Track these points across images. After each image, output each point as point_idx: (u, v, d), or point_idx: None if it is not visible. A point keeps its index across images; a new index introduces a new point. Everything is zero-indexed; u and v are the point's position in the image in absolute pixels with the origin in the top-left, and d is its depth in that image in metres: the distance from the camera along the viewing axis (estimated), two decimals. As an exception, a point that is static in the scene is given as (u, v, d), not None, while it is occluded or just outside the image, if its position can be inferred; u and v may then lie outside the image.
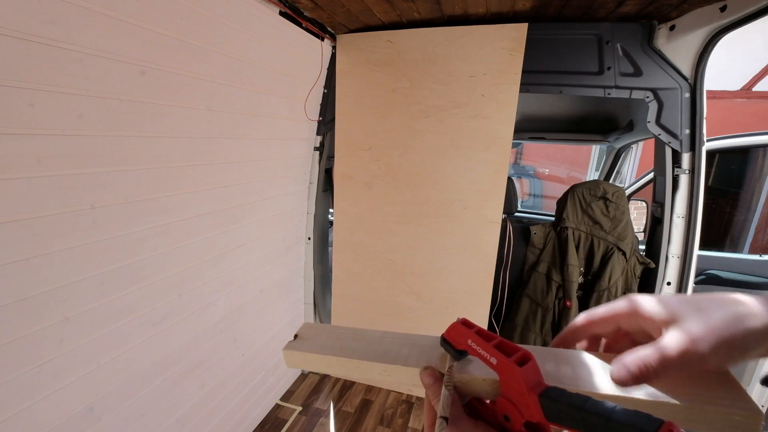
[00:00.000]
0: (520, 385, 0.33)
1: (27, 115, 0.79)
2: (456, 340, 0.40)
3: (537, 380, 0.33)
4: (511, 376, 0.33)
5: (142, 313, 1.15)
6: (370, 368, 0.43)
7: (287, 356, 0.47)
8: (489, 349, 0.36)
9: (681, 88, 1.44)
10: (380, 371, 0.43)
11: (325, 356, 0.45)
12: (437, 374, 0.40)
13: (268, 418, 1.96)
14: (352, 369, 0.44)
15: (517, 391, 0.33)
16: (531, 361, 0.34)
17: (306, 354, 0.45)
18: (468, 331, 0.38)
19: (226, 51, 1.25)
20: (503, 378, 0.35)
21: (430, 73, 1.69)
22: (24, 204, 0.81)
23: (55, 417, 0.94)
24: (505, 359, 0.34)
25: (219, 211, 1.43)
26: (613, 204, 1.83)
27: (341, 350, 0.45)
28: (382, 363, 0.43)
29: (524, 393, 0.33)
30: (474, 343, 0.37)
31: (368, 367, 0.43)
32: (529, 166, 7.91)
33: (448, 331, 0.41)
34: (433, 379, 0.39)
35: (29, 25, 0.75)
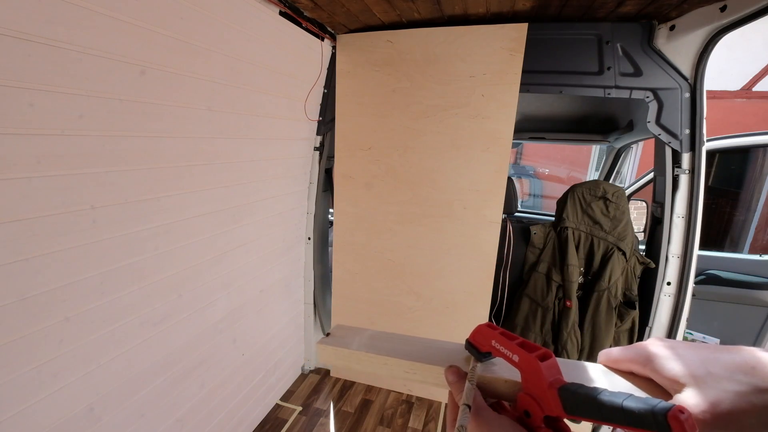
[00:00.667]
0: (542, 379, 0.34)
1: (27, 115, 0.79)
2: (480, 343, 0.42)
3: (556, 376, 0.35)
4: (533, 371, 0.35)
5: (142, 313, 1.15)
6: (396, 365, 0.46)
7: (321, 350, 0.50)
8: (512, 348, 0.38)
9: (681, 88, 1.44)
10: (406, 368, 0.45)
11: (355, 352, 0.48)
12: (461, 372, 0.42)
13: (268, 418, 1.96)
14: (380, 365, 0.47)
15: (538, 386, 0.35)
16: (552, 359, 0.36)
17: (338, 349, 0.49)
18: (492, 332, 0.41)
19: (226, 51, 1.25)
20: (525, 374, 0.36)
21: (430, 73, 1.69)
22: (24, 204, 0.81)
23: (55, 417, 0.94)
24: (528, 355, 0.36)
25: (219, 211, 1.43)
26: (613, 204, 1.83)
27: (371, 348, 0.48)
28: (408, 361, 0.45)
29: (545, 387, 0.34)
30: (497, 343, 0.39)
31: (395, 364, 0.46)
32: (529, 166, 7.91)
33: (472, 334, 0.43)
34: (457, 377, 0.41)
35: (29, 25, 0.75)
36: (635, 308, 1.74)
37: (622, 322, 1.78)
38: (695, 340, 1.96)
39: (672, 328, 1.60)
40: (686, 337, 1.94)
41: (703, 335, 1.94)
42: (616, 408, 0.30)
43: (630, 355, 0.38)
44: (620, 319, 1.78)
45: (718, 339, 1.91)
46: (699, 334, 1.95)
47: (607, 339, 1.76)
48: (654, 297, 1.63)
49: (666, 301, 1.61)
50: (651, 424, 0.29)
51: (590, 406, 0.32)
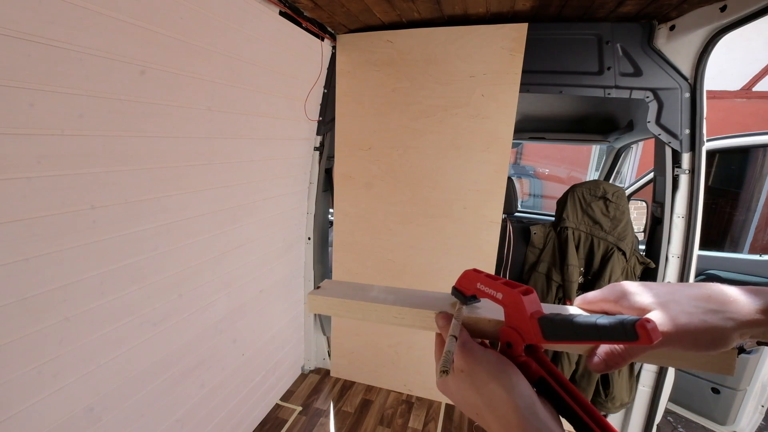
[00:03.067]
0: (523, 310, 0.38)
1: (27, 115, 0.79)
2: (466, 287, 0.45)
3: (537, 309, 0.39)
4: (516, 305, 0.38)
5: (142, 313, 1.15)
6: (386, 311, 0.48)
7: (311, 300, 0.52)
8: (496, 287, 0.41)
9: (681, 88, 1.44)
10: (395, 313, 0.48)
11: (345, 300, 0.50)
12: (450, 316, 0.44)
13: (268, 418, 1.96)
14: (369, 312, 0.49)
15: (520, 318, 0.38)
16: (533, 294, 0.39)
17: (329, 299, 0.51)
18: (478, 275, 0.44)
19: (226, 51, 1.25)
20: (508, 309, 0.40)
21: (430, 73, 1.69)
22: (24, 204, 0.81)
23: (55, 417, 0.94)
24: (511, 291, 0.39)
25: (219, 211, 1.43)
26: (613, 204, 1.83)
27: (360, 296, 0.50)
28: (397, 306, 0.47)
29: (526, 318, 0.38)
30: (482, 285, 0.42)
31: (384, 310, 0.48)
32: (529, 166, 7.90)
33: (459, 280, 0.46)
34: (446, 322, 0.43)
35: (29, 25, 0.75)
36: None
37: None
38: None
39: (672, 328, 1.60)
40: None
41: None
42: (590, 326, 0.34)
43: (603, 294, 0.42)
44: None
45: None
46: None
47: (607, 339, 1.76)
48: (654, 297, 1.63)
49: (666, 301, 1.61)
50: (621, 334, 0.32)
51: (566, 329, 0.35)
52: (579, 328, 0.34)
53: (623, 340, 0.32)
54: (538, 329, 0.37)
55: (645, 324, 0.31)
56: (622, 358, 0.37)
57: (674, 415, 2.22)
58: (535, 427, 0.33)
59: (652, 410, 1.67)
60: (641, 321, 0.31)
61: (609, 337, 0.33)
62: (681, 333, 0.34)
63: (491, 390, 0.36)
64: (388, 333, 2.07)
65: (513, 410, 0.34)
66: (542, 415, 0.34)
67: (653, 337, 0.31)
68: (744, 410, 1.87)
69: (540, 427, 0.33)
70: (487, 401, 0.36)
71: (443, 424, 1.97)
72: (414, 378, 2.13)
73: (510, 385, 0.35)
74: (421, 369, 2.09)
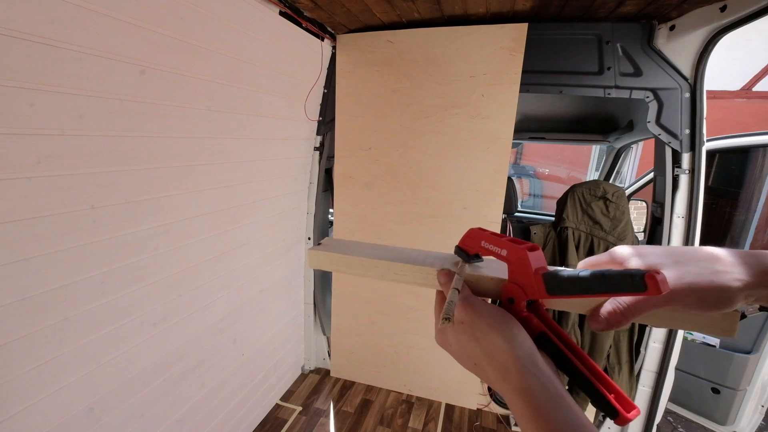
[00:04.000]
0: (528, 266, 0.37)
1: (27, 115, 0.79)
2: (470, 246, 0.44)
3: (542, 265, 0.38)
4: (521, 260, 0.38)
5: (142, 313, 1.15)
6: (387, 267, 0.47)
7: (311, 256, 0.51)
8: (501, 243, 0.40)
9: (681, 88, 1.44)
10: (396, 270, 0.47)
11: (346, 256, 0.49)
12: (452, 274, 0.43)
13: (268, 418, 1.96)
14: (370, 268, 0.48)
15: (524, 273, 0.38)
16: (538, 251, 0.39)
17: (329, 254, 0.50)
18: (482, 233, 0.43)
19: (226, 51, 1.25)
20: (512, 265, 0.39)
21: (430, 73, 1.69)
22: (24, 204, 0.81)
23: (55, 417, 0.94)
24: (517, 247, 0.38)
25: (219, 211, 1.43)
26: (613, 204, 1.83)
27: (362, 253, 0.50)
28: (398, 263, 0.47)
29: (530, 274, 0.37)
30: (487, 242, 0.42)
31: (385, 266, 0.47)
32: (529, 166, 7.90)
33: (463, 239, 0.45)
34: (447, 279, 0.43)
35: (29, 25, 0.75)
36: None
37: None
38: (695, 340, 1.96)
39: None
40: (686, 337, 1.94)
41: (703, 335, 1.95)
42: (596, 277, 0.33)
43: (605, 259, 0.42)
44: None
45: (718, 339, 1.91)
46: (699, 334, 1.95)
47: (607, 339, 1.76)
48: (654, 297, 1.63)
49: (666, 301, 1.61)
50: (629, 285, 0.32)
51: (572, 283, 0.35)
52: (585, 281, 0.34)
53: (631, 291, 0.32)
54: (542, 284, 0.36)
55: (654, 275, 0.30)
56: (624, 316, 0.36)
57: (674, 415, 2.22)
58: (533, 374, 0.33)
59: (652, 410, 1.67)
60: (650, 272, 0.31)
61: (616, 289, 0.32)
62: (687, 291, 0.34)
63: (491, 340, 0.36)
64: (388, 333, 2.07)
65: (512, 359, 0.34)
66: (541, 365, 0.34)
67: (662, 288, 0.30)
68: (744, 410, 1.87)
69: (538, 375, 0.33)
70: (487, 351, 0.36)
71: (443, 424, 1.97)
72: (414, 378, 2.13)
73: (510, 336, 0.36)
74: (421, 369, 2.09)
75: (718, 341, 1.92)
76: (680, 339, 1.60)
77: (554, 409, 0.31)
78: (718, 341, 1.92)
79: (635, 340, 1.75)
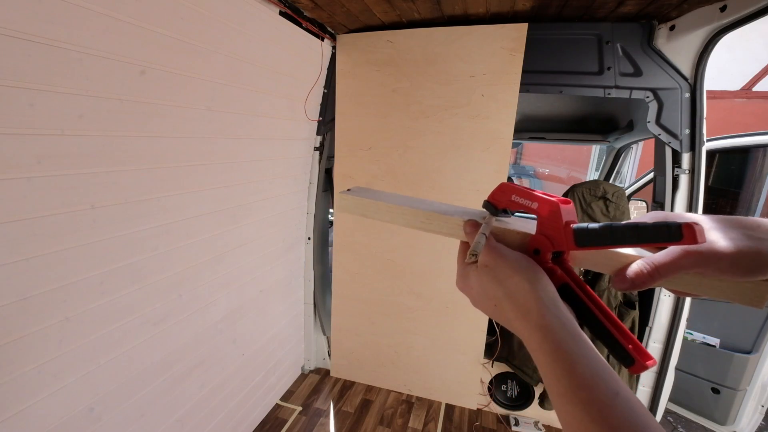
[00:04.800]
0: (559, 218, 0.37)
1: (27, 115, 0.79)
2: (499, 200, 0.44)
3: (572, 219, 0.38)
4: (553, 213, 0.38)
5: (142, 313, 1.15)
6: (413, 215, 0.48)
7: (340, 199, 0.52)
8: (532, 197, 0.40)
9: (681, 88, 1.44)
10: (423, 218, 0.48)
11: (375, 201, 0.50)
12: (478, 225, 0.44)
13: (268, 418, 1.96)
14: (397, 214, 0.49)
15: (554, 226, 0.38)
16: (571, 205, 0.39)
17: (359, 199, 0.51)
18: (514, 187, 0.43)
19: (226, 51, 1.25)
20: (542, 218, 0.39)
21: (430, 73, 1.69)
22: (24, 204, 0.81)
23: (55, 417, 0.94)
24: (549, 199, 0.38)
25: (219, 211, 1.43)
26: (613, 204, 1.83)
27: (390, 199, 0.51)
28: (425, 211, 0.47)
29: (560, 227, 0.37)
30: (517, 195, 0.42)
31: (412, 213, 0.48)
32: (529, 166, 7.91)
33: (493, 193, 0.45)
34: (473, 229, 0.43)
35: (29, 25, 0.75)
36: (635, 308, 1.74)
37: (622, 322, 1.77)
38: (695, 340, 1.96)
39: (672, 328, 1.60)
40: (686, 337, 1.94)
41: (703, 335, 1.95)
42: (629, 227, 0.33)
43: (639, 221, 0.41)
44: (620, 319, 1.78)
45: (718, 339, 1.91)
46: (699, 334, 1.95)
47: (607, 339, 1.76)
48: (654, 297, 1.63)
49: (666, 301, 1.61)
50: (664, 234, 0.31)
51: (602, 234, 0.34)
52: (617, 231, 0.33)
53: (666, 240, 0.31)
54: (572, 236, 0.36)
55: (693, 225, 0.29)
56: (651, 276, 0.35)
57: (674, 415, 2.22)
58: (554, 313, 0.34)
59: (652, 410, 1.67)
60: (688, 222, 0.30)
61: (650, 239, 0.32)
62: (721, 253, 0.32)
63: (515, 282, 0.37)
64: (388, 333, 2.07)
65: (534, 299, 0.35)
66: (562, 307, 0.35)
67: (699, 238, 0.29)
68: (744, 410, 1.87)
69: (558, 315, 0.34)
70: (510, 292, 0.37)
71: (443, 424, 1.97)
72: (414, 378, 2.13)
73: (534, 279, 0.37)
74: (421, 369, 2.09)
75: (718, 341, 1.92)
76: (680, 339, 1.60)
77: (573, 344, 0.32)
78: (718, 341, 1.92)
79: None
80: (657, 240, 0.32)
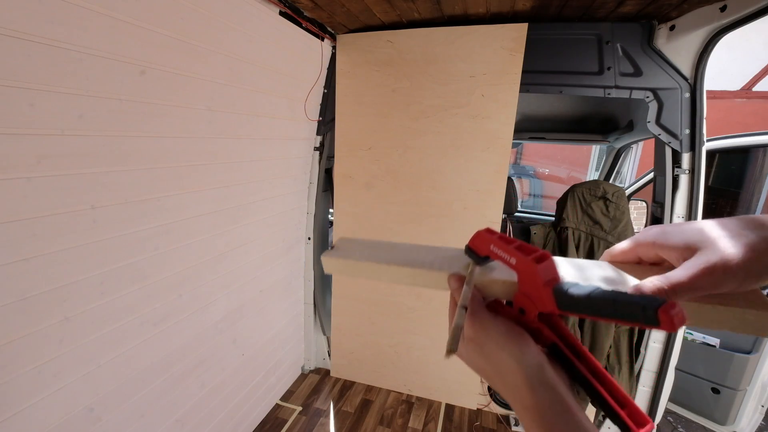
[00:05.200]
0: (537, 279, 0.36)
1: (27, 115, 0.79)
2: (479, 247, 0.43)
3: (552, 276, 0.36)
4: (529, 272, 0.36)
5: (142, 313, 1.15)
6: (398, 273, 0.48)
7: (326, 262, 0.52)
8: (509, 251, 0.39)
9: (681, 88, 1.44)
10: (408, 275, 0.47)
11: (359, 262, 0.49)
12: (463, 278, 0.43)
13: (268, 418, 1.96)
14: (382, 273, 0.49)
15: (533, 285, 0.36)
16: (548, 260, 0.37)
17: (342, 260, 0.50)
18: (491, 237, 0.42)
19: (226, 51, 1.25)
20: (521, 275, 0.38)
21: (430, 73, 1.69)
22: (24, 204, 0.81)
23: (55, 417, 0.94)
24: (524, 257, 0.37)
25: (219, 211, 1.43)
26: (613, 204, 1.83)
27: (373, 257, 0.50)
28: (411, 268, 0.47)
29: (539, 286, 0.36)
30: (495, 247, 0.40)
31: (397, 271, 0.48)
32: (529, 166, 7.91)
33: (472, 239, 0.44)
34: (459, 284, 0.42)
35: (29, 25, 0.75)
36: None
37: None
38: (695, 340, 1.96)
39: (672, 328, 1.60)
40: (686, 337, 1.94)
41: (703, 335, 1.95)
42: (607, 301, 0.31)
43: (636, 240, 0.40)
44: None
45: (718, 339, 1.91)
46: (699, 334, 1.95)
47: (607, 339, 1.76)
48: (654, 297, 1.63)
49: (666, 301, 1.61)
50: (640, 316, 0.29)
51: (583, 303, 0.33)
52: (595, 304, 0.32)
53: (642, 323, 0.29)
54: (553, 299, 0.35)
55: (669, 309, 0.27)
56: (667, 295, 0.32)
57: (674, 415, 2.22)
58: (542, 392, 0.33)
59: (652, 410, 1.67)
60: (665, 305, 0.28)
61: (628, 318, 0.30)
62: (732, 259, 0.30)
63: (500, 359, 0.36)
64: (388, 333, 2.07)
65: (521, 378, 0.34)
66: (552, 383, 0.34)
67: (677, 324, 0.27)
68: (744, 410, 1.87)
69: (547, 392, 0.33)
70: (497, 370, 0.37)
71: (443, 424, 1.97)
72: (414, 378, 2.13)
73: (519, 354, 0.36)
74: (421, 369, 2.09)
75: (718, 341, 1.92)
76: (680, 339, 1.60)
77: (563, 425, 0.32)
78: (718, 341, 1.92)
79: (635, 340, 1.75)
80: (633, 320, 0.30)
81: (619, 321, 0.31)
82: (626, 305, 0.30)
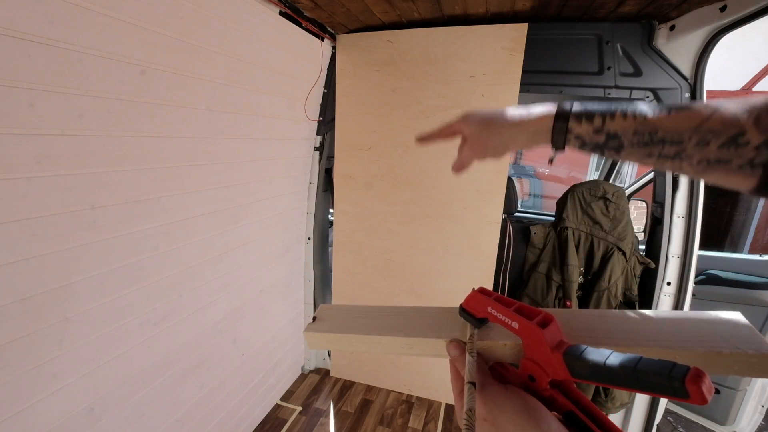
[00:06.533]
0: (544, 346, 0.33)
1: (27, 115, 0.79)
2: (475, 309, 0.41)
3: (559, 340, 0.34)
4: (535, 338, 0.34)
5: (142, 313, 1.15)
6: (391, 343, 0.44)
7: (309, 338, 0.47)
8: (510, 315, 0.36)
9: (681, 88, 1.44)
10: (402, 345, 0.43)
11: (345, 335, 0.45)
12: (462, 345, 0.40)
13: (268, 418, 1.96)
14: (373, 345, 0.45)
15: (540, 352, 0.34)
16: (553, 323, 0.35)
17: (326, 334, 0.46)
18: (487, 299, 0.39)
19: (226, 51, 1.25)
20: (526, 341, 0.35)
21: (430, 73, 1.69)
22: (24, 204, 0.81)
23: (55, 417, 0.94)
24: (527, 322, 0.35)
25: (219, 211, 1.43)
26: (613, 204, 1.83)
27: (361, 328, 0.45)
28: (403, 337, 0.43)
29: (548, 353, 0.33)
30: (494, 310, 0.38)
31: (389, 341, 0.44)
32: (529, 166, 7.90)
33: (466, 301, 0.42)
34: (459, 351, 0.40)
35: (29, 25, 0.75)
36: (635, 308, 1.74)
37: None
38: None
39: (672, 328, 1.60)
40: (686, 337, 1.93)
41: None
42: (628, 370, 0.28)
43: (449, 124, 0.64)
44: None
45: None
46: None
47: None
48: (654, 297, 1.63)
49: (666, 301, 1.61)
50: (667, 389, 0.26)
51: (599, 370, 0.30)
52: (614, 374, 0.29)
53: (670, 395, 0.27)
54: (564, 366, 0.32)
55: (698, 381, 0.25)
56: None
57: (674, 415, 2.22)
58: None
59: (652, 410, 1.67)
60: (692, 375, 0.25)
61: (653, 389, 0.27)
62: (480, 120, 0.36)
63: None
64: (388, 333, 2.06)
65: None
66: None
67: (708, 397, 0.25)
68: (744, 410, 1.87)
69: None
70: None
71: (443, 424, 1.97)
72: (414, 378, 2.13)
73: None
74: (421, 369, 2.09)
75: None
76: (680, 339, 1.59)
77: None
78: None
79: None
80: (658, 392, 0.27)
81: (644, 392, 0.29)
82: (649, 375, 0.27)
